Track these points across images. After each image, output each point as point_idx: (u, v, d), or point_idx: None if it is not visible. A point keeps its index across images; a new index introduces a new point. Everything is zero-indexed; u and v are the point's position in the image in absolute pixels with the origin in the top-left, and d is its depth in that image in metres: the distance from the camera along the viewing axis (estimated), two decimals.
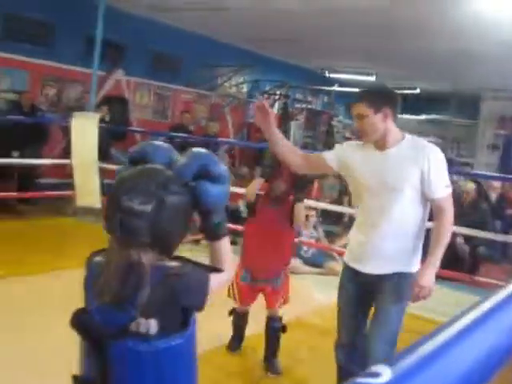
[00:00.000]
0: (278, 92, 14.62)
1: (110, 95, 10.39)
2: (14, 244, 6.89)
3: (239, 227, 7.38)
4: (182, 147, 8.60)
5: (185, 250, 2.02)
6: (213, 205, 1.94)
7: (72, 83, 10.58)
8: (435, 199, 2.97)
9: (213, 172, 1.92)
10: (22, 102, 9.41)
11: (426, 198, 2.99)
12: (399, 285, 3.06)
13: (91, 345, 1.85)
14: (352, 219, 8.52)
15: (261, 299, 4.25)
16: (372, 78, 13.56)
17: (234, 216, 7.65)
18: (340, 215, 9.04)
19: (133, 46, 11.22)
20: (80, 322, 1.85)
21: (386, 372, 0.74)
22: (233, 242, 7.98)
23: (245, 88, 14.36)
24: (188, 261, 2.00)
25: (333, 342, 3.41)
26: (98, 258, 1.98)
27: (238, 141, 12.94)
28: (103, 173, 8.18)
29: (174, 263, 1.90)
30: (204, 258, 2.03)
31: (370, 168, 3.05)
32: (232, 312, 4.34)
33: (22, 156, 8.79)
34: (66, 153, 8.50)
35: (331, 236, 8.34)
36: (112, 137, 9.90)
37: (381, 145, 3.00)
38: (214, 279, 1.96)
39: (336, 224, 8.95)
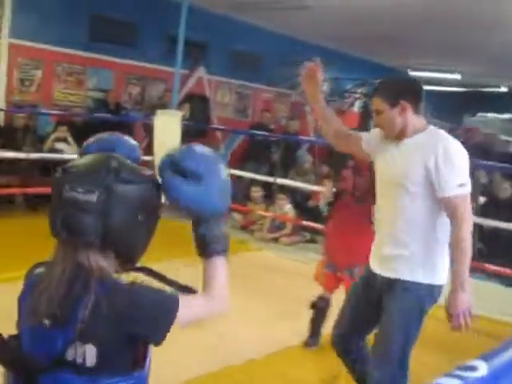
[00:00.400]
0: (358, 91, 14.45)
1: (191, 93, 10.55)
2: None
3: (319, 226, 7.38)
4: (263, 146, 8.69)
5: (266, 249, 1.89)
6: (189, 208, 1.59)
7: (155, 81, 10.81)
8: (444, 198, 2.58)
9: (186, 167, 1.54)
10: (107, 101, 9.70)
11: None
12: (401, 295, 2.75)
13: (18, 378, 1.50)
14: None
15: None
16: (456, 76, 13.25)
17: (314, 214, 7.63)
18: None
19: (214, 44, 11.34)
20: (5, 350, 1.51)
21: (482, 366, 0.72)
22: (312, 241, 8.02)
23: (325, 86, 14.24)
24: (158, 275, 1.64)
25: None
26: (39, 270, 1.59)
27: (318, 139, 12.86)
28: None
29: (131, 275, 1.53)
30: (288, 261, 1.89)
31: (383, 160, 2.84)
32: (313, 305, 4.42)
33: None
34: (149, 150, 8.68)
35: None
36: (193, 134, 10.05)
37: (398, 136, 2.76)
38: (189, 308, 1.56)
39: None
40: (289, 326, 4.84)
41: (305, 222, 7.85)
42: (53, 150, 8.44)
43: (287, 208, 8.38)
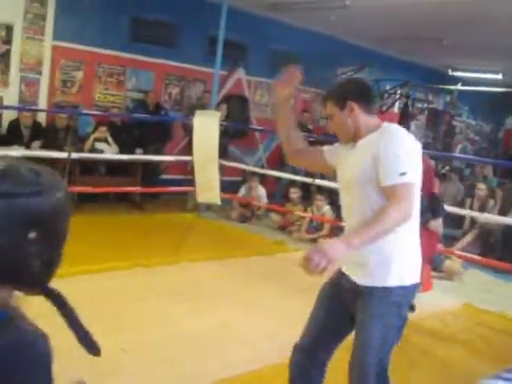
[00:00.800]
0: (398, 91, 14.33)
1: (230, 94, 10.58)
2: (138, 237, 7.19)
3: None
4: None
5: (304, 249, 1.87)
6: None
7: (194, 82, 10.86)
8: (385, 187, 2.45)
9: None
10: (147, 101, 9.78)
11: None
12: (371, 302, 2.59)
13: None
14: (473, 222, 8.29)
15: None
16: (498, 76, 13.03)
17: None
18: (461, 219, 8.75)
19: (253, 45, 11.35)
20: None
21: None
22: None
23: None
24: (64, 308, 1.37)
25: (451, 348, 3.29)
26: None
27: None
28: (223, 170, 8.34)
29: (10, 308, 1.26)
30: None
31: (341, 164, 2.77)
32: None
33: (145, 153, 9.13)
34: (188, 150, 8.73)
35: (449, 239, 8.07)
36: (232, 135, 10.08)
37: (354, 138, 2.68)
38: None
39: (457, 227, 8.67)
40: None
41: (343, 223, 7.79)
42: (93, 150, 8.55)
43: (325, 209, 8.36)
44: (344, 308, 2.73)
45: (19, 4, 8.63)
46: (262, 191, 9.22)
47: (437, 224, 4.82)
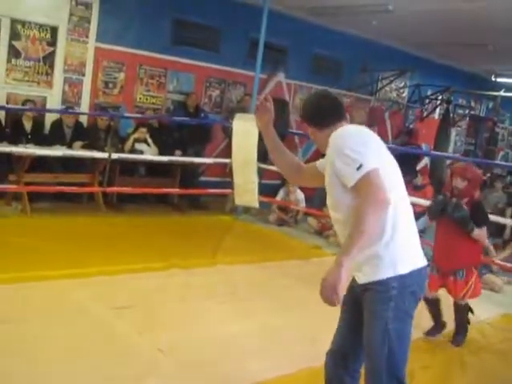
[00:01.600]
0: (439, 97, 14.17)
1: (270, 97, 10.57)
2: (176, 238, 7.24)
3: None
4: None
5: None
6: None
7: (234, 85, 10.90)
8: (352, 188, 2.44)
9: None
10: (187, 103, 9.84)
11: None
12: (369, 299, 2.60)
13: None
14: None
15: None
16: None
17: None
18: (502, 227, 8.62)
19: (294, 49, 11.33)
20: None
21: None
22: None
23: (405, 93, 14.05)
24: None
25: (489, 359, 3.23)
26: None
27: (396, 146, 12.67)
28: (261, 173, 8.33)
29: None
30: None
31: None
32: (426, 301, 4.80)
33: (184, 154, 9.18)
34: (227, 152, 8.75)
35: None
36: None
37: None
38: None
39: (497, 236, 8.53)
40: None
41: None
42: (133, 151, 8.63)
43: None
44: (362, 310, 2.72)
45: (64, 7, 8.77)
46: (300, 195, 9.19)
47: (481, 233, 4.73)
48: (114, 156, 7.89)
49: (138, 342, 4.03)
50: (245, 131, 8.51)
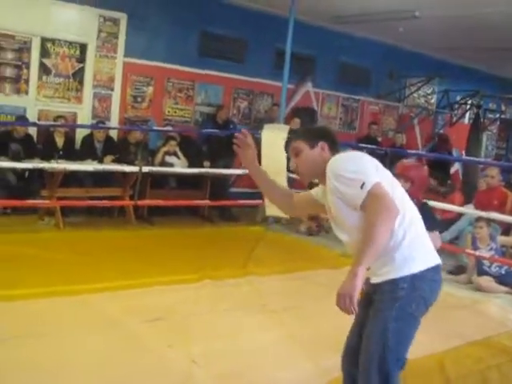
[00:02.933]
0: (468, 102, 14.03)
1: (298, 106, 10.59)
2: (207, 249, 7.25)
3: None
4: None
5: None
6: None
7: (262, 96, 10.93)
8: (361, 207, 2.52)
9: None
10: (217, 115, 9.89)
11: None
12: (378, 298, 2.66)
13: None
14: None
15: None
16: None
17: None
18: None
19: (321, 58, 11.34)
20: None
21: None
22: None
23: (434, 98, 13.95)
24: None
25: None
26: None
27: (426, 152, 12.57)
28: (291, 183, 8.32)
29: None
30: None
31: (325, 199, 2.83)
32: None
33: (214, 166, 9.22)
34: (258, 162, 8.75)
35: None
36: None
37: (322, 176, 2.74)
38: None
39: None
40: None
41: None
42: (163, 164, 8.69)
43: None
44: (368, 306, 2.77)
45: (93, 23, 8.92)
46: None
47: (433, 237, 4.44)
48: (145, 169, 7.96)
49: (172, 354, 4.04)
50: (274, 141, 8.58)
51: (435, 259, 2.70)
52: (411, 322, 2.64)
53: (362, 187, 2.49)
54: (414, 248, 2.62)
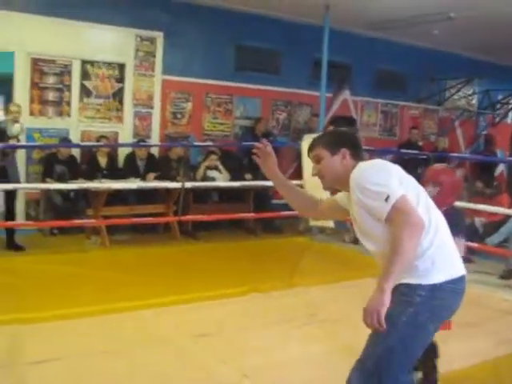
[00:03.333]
0: (511, 101, 13.79)
1: (337, 115, 10.54)
2: (252, 262, 7.27)
3: (474, 245, 7.06)
4: (413, 164, 8.43)
5: None
6: None
7: (301, 106, 10.93)
8: (386, 220, 2.50)
9: None
10: (255, 128, 9.91)
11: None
12: (393, 299, 2.49)
13: None
14: None
15: None
16: None
17: (468, 233, 7.29)
18: None
19: (357, 65, 11.29)
20: None
21: None
22: (467, 260, 7.67)
23: (475, 99, 13.74)
24: None
25: None
26: None
27: (469, 155, 12.38)
28: (333, 195, 8.28)
29: None
30: None
31: (349, 206, 2.81)
32: None
33: (256, 179, 9.22)
34: (298, 174, 8.76)
35: None
36: None
37: (345, 183, 2.71)
38: None
39: None
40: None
41: (471, 244, 7.41)
42: (205, 178, 8.74)
43: None
44: None
45: (130, 44, 9.07)
46: None
47: (457, 243, 4.05)
48: (187, 185, 8.01)
49: (223, 368, 4.04)
50: None
51: (459, 270, 2.64)
52: (420, 332, 2.58)
53: (386, 200, 2.47)
54: (438, 258, 2.57)
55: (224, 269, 6.75)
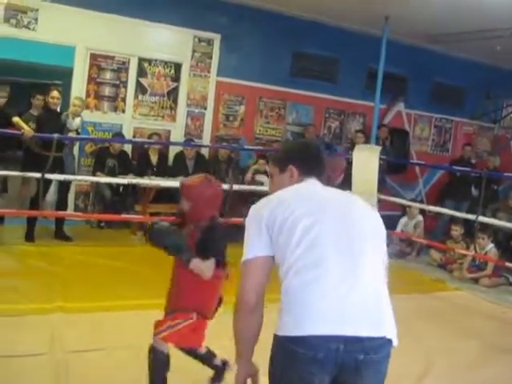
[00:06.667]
0: None
1: (390, 127, 10.44)
2: None
3: None
4: (464, 181, 8.25)
5: (464, 289, 1.79)
6: None
7: (354, 116, 10.85)
8: None
9: None
10: (305, 135, 9.89)
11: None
12: None
13: None
14: None
15: None
16: None
17: None
18: None
19: (413, 77, 11.14)
20: None
21: None
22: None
23: None
24: None
25: None
26: None
27: None
28: (380, 203, 8.20)
29: None
30: (487, 303, 1.81)
31: None
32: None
33: None
34: (348, 183, 8.69)
35: None
36: (392, 169, 9.92)
37: None
38: None
39: None
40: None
41: (508, 264, 7.32)
42: (253, 182, 8.75)
43: (489, 247, 7.94)
44: None
45: (188, 44, 9.14)
46: (419, 217, 9.08)
47: (197, 264, 3.41)
48: (235, 187, 8.02)
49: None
50: (365, 162, 8.48)
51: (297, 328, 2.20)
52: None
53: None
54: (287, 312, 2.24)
55: None
